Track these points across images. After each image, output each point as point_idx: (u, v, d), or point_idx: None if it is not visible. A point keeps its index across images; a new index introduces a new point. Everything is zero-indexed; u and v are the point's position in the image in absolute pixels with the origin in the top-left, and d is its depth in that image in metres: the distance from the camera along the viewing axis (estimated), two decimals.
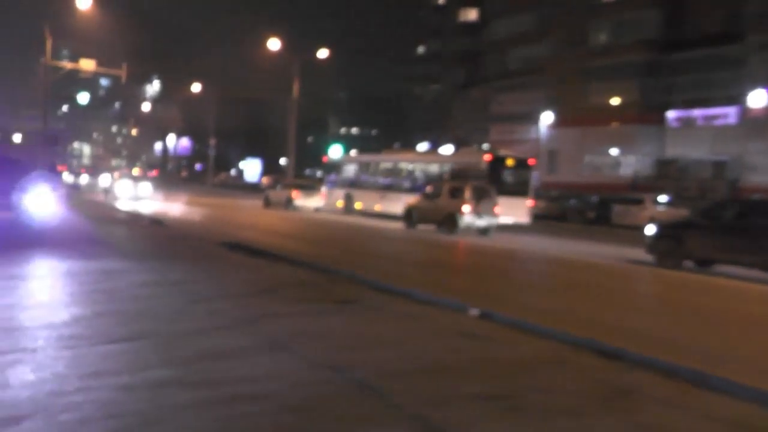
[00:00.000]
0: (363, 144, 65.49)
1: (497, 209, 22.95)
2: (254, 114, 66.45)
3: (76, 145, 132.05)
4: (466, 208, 22.22)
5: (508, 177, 25.97)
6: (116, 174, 44.45)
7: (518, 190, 25.63)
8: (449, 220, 22.68)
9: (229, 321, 7.28)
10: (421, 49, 73.25)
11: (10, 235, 13.45)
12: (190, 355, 5.96)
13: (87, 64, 41.01)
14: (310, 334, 6.91)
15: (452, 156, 30.14)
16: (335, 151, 41.48)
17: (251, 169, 58.97)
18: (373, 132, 77.93)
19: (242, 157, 68.86)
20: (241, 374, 5.46)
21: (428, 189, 24.81)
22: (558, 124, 49.27)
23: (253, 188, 41.21)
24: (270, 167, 60.83)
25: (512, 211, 24.71)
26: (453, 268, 14.75)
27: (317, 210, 34.46)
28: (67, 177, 50.76)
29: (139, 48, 58.75)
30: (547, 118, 48.98)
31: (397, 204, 27.07)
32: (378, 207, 29.27)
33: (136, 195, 35.41)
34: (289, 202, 33.88)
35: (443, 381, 5.55)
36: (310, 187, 35.79)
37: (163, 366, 5.60)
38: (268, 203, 35.82)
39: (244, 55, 56.32)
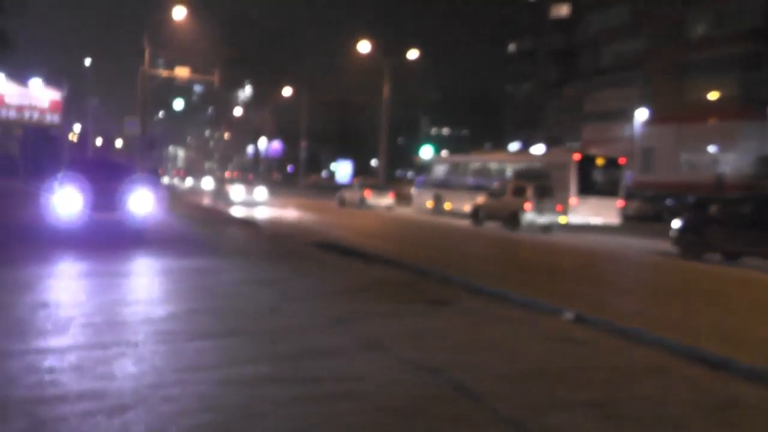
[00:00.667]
0: (454, 144, 65.14)
1: (562, 207, 24.19)
2: (345, 116, 67.38)
3: (171, 149, 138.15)
4: (528, 206, 23.56)
5: (597, 177, 26.02)
6: (226, 176, 45.65)
7: (608, 190, 25.54)
8: (512, 218, 23.96)
9: (323, 320, 7.36)
10: (512, 47, 72.31)
11: (114, 235, 14.20)
12: (285, 352, 6.05)
13: (182, 72, 43.15)
14: (405, 335, 6.89)
15: (541, 156, 30.16)
16: (426, 152, 41.47)
17: (342, 170, 59.81)
18: (464, 132, 77.54)
19: (333, 159, 69.96)
20: (337, 373, 5.50)
21: (495, 187, 26.20)
22: (653, 121, 47.37)
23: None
24: (361, 169, 61.49)
25: (602, 212, 25.18)
26: (537, 267, 14.38)
27: (388, 208, 35.50)
28: (166, 179, 53.34)
29: (232, 54, 60.78)
30: (641, 115, 47.21)
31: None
32: (467, 207, 29.14)
33: (251, 199, 33.43)
34: (362, 202, 35.01)
35: (540, 386, 5.44)
36: (380, 187, 37.05)
37: (258, 362, 5.70)
38: (342, 203, 36.90)
39: (335, 58, 57.26)
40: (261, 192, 33.76)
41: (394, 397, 4.97)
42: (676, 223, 17.79)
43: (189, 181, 55.48)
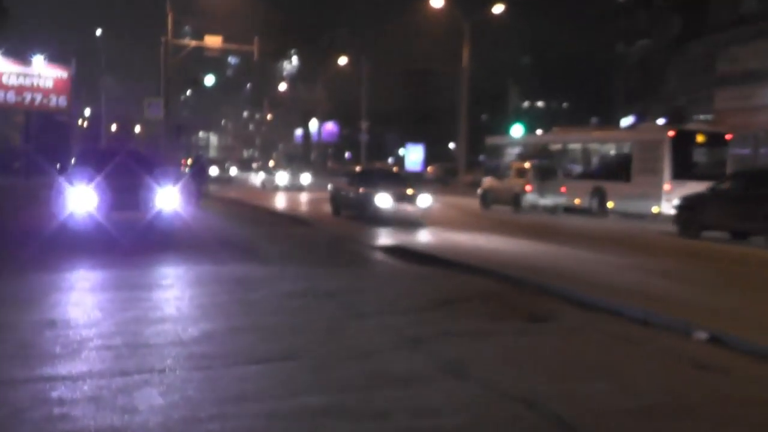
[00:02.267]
0: (551, 120, 64.07)
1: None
2: (416, 91, 67.11)
3: (201, 134, 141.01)
4: (528, 188, 28.47)
5: (698, 156, 26.87)
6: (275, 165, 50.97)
7: (710, 172, 24.87)
8: (515, 200, 29.01)
9: (396, 340, 7.33)
10: None
11: (136, 238, 14.52)
12: (348, 380, 6.03)
13: (213, 41, 43.79)
14: (495, 358, 6.83)
15: (631, 133, 31.13)
16: (516, 131, 40.88)
17: (413, 156, 59.80)
18: (565, 105, 76.37)
19: (401, 144, 70.06)
20: (413, 404, 5.45)
21: (502, 170, 32.23)
22: None
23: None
24: (436, 154, 61.28)
25: None
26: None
27: None
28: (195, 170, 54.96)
29: (274, 19, 61.39)
30: None
31: (568, 192, 29.52)
32: (542, 201, 30.43)
33: (298, 184, 43.14)
34: (516, 198, 35.95)
35: (665, 425, 5.27)
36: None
37: (317, 392, 5.69)
38: None
39: (402, 19, 57.02)
40: (305, 178, 44.96)
41: None
42: (676, 203, 21.47)
43: (233, 170, 58.90)
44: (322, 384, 5.89)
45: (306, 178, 44.44)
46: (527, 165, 29.68)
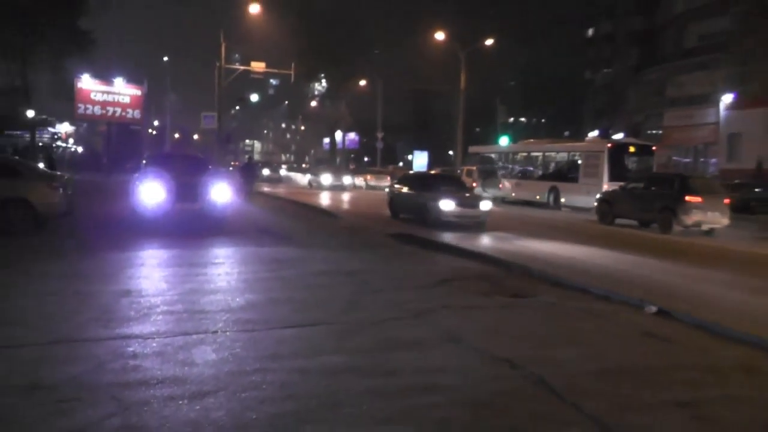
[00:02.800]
0: (531, 133, 63.65)
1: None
2: (421, 106, 66.99)
3: (247, 141, 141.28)
4: (474, 184, 30.51)
5: (630, 163, 27.41)
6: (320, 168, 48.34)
7: (640, 176, 25.27)
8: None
9: (403, 312, 7.34)
10: (591, 31, 70.30)
11: (195, 225, 14.63)
12: (365, 343, 6.06)
13: (258, 66, 44.45)
14: (485, 328, 6.84)
15: (578, 144, 31.97)
16: (503, 142, 40.91)
17: (419, 161, 59.58)
18: (543, 120, 76.04)
19: (409, 150, 69.82)
20: (416, 365, 5.47)
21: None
22: (742, 105, 44.94)
23: None
24: (437, 159, 61.10)
25: None
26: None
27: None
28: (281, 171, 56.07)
29: (307, 47, 61.31)
30: (727, 99, 44.92)
31: (530, 191, 31.05)
32: (513, 194, 32.30)
33: (340, 184, 40.78)
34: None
35: (624, 384, 5.27)
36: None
37: (338, 353, 5.72)
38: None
39: (410, 48, 56.90)
40: (347, 179, 42.15)
41: (473, 392, 4.92)
42: (597, 197, 22.96)
43: (283, 172, 58.08)
44: (342, 347, 5.92)
45: (347, 179, 42.69)
46: (474, 168, 34.07)
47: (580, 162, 28.35)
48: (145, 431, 4.03)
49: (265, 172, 48.87)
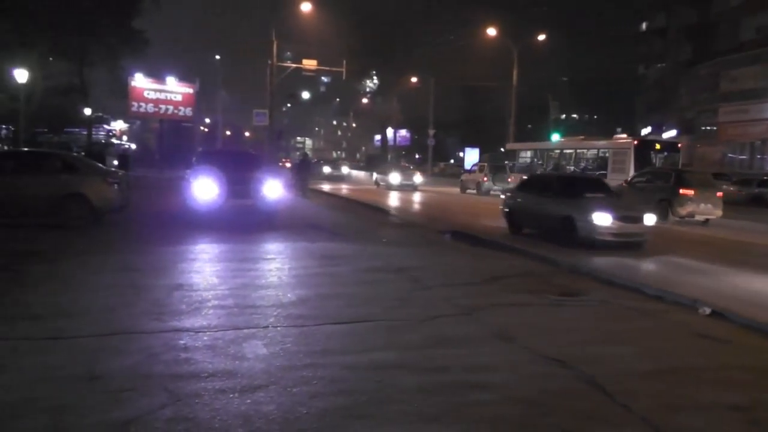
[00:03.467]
0: (583, 129, 62.64)
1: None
2: (472, 103, 66.52)
3: (298, 138, 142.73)
4: (484, 178, 34.58)
5: (655, 160, 28.06)
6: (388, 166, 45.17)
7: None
8: (477, 186, 34.91)
9: (454, 309, 7.30)
10: (644, 26, 68.71)
11: (248, 221, 14.83)
12: (415, 340, 6.04)
13: (309, 63, 44.76)
14: (536, 326, 6.76)
15: (606, 142, 32.49)
16: (554, 138, 40.55)
17: (470, 158, 59.21)
18: (595, 116, 74.77)
19: (460, 147, 69.47)
20: (467, 362, 5.44)
21: (473, 168, 38.65)
22: None
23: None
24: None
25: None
26: None
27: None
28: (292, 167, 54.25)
29: (358, 45, 61.55)
30: None
31: None
32: None
33: (411, 183, 37.72)
34: (479, 186, 36.41)
35: (676, 385, 5.15)
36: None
37: (388, 349, 5.73)
38: (464, 188, 37.68)
39: (462, 45, 56.64)
40: (417, 177, 39.04)
41: (523, 390, 4.87)
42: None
43: (345, 169, 55.34)
44: (392, 343, 5.92)
45: (418, 177, 38.87)
46: (484, 164, 36.87)
47: (609, 158, 29.31)
48: (196, 423, 4.08)
49: (326, 169, 47.25)
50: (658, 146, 29.18)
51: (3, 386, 4.61)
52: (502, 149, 42.12)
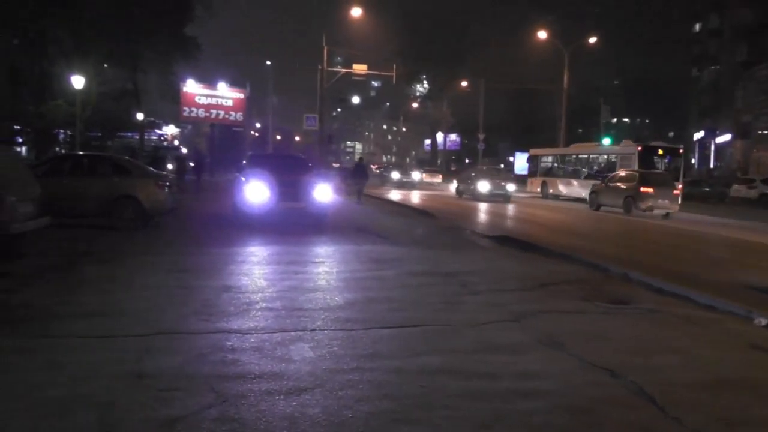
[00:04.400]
0: (635, 133, 61.63)
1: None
2: (523, 106, 66.04)
3: (348, 143, 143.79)
4: (482, 184, 32.93)
5: (658, 164, 30.93)
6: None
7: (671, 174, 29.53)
8: (476, 191, 33.19)
9: (503, 315, 7.22)
10: (697, 27, 67.10)
11: (298, 224, 14.99)
12: (463, 345, 5.98)
13: (359, 68, 45.12)
14: (585, 334, 6.61)
15: (613, 148, 35.94)
16: (605, 143, 40.35)
17: (520, 162, 58.71)
18: (647, 120, 73.47)
19: (510, 151, 68.99)
20: (515, 369, 5.36)
21: (471, 173, 36.78)
22: None
23: (523, 180, 42.10)
24: None
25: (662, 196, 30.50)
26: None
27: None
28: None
29: (408, 49, 61.74)
30: None
31: (579, 188, 34.34)
32: (565, 192, 36.73)
33: (503, 194, 31.98)
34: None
35: (729, 398, 4.97)
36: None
37: (436, 354, 5.67)
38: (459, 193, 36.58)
39: (512, 48, 56.33)
40: (510, 186, 33.17)
41: (572, 399, 4.77)
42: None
43: (416, 176, 52.01)
44: (440, 348, 5.87)
45: (511, 186, 32.83)
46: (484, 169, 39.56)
47: (617, 162, 32.18)
48: (241, 424, 4.10)
49: (395, 175, 44.42)
50: (660, 151, 31.84)
51: (53, 383, 4.71)
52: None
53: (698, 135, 58.48)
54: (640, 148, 31.42)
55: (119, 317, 6.54)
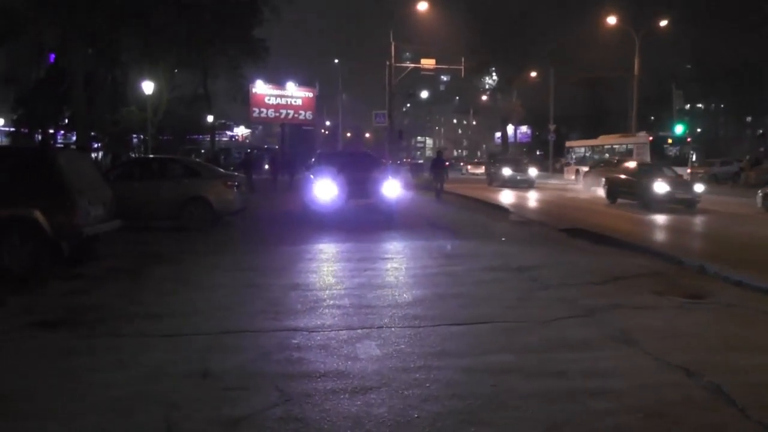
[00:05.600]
0: (709, 120, 59.22)
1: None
2: (593, 96, 64.39)
3: (419, 138, 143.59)
4: (506, 170, 35.70)
5: (669, 152, 33.89)
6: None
7: (679, 162, 31.64)
8: (499, 177, 35.97)
9: (574, 310, 6.99)
10: None
11: (367, 220, 15.04)
12: (533, 343, 5.81)
13: (427, 63, 44.95)
14: (660, 330, 6.30)
15: (631, 138, 38.97)
16: (678, 130, 39.09)
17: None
18: (722, 106, 70.46)
19: None
20: (586, 367, 5.16)
21: (494, 161, 40.81)
22: None
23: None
24: None
25: None
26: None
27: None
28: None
29: (476, 42, 61.06)
30: None
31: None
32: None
33: (688, 198, 22.99)
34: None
35: None
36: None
37: (505, 352, 5.53)
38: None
39: (582, 36, 54.97)
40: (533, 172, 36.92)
41: (646, 399, 4.55)
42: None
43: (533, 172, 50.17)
44: (509, 345, 5.72)
45: (699, 187, 22.37)
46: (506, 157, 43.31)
47: (633, 151, 35.39)
48: (305, 423, 4.07)
49: (506, 172, 36.08)
50: (669, 141, 35.28)
51: (119, 382, 4.79)
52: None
53: None
54: (650, 138, 35.23)
55: (186, 317, 6.64)
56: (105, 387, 4.69)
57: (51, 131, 41.80)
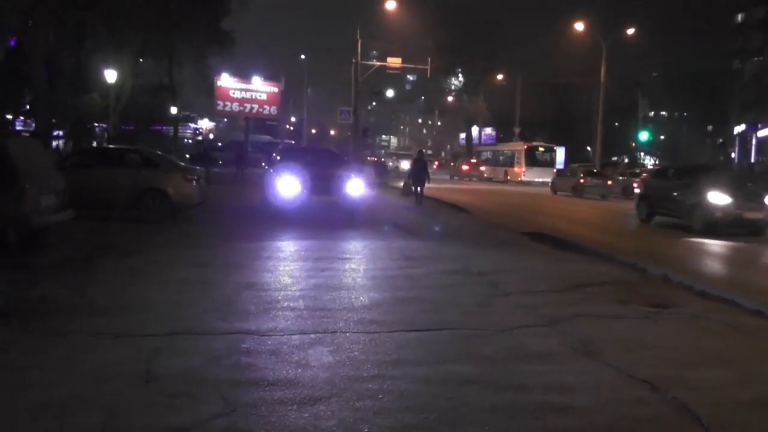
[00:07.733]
0: (673, 127, 60.11)
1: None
2: (559, 101, 64.91)
3: (384, 136, 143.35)
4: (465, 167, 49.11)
5: (539, 158, 47.06)
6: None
7: (547, 164, 46.34)
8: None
9: (535, 319, 6.82)
10: (740, 18, 65.14)
11: (328, 218, 14.78)
12: (494, 352, 5.62)
13: (394, 61, 44.95)
14: (623, 341, 6.14)
15: (510, 145, 52.28)
16: (642, 137, 39.69)
17: (557, 157, 57.70)
18: (685, 114, 71.84)
19: None
20: (548, 380, 4.97)
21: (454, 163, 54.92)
22: None
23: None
24: (575, 155, 58.82)
25: (542, 176, 44.43)
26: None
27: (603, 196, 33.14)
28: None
29: (443, 43, 61.12)
30: None
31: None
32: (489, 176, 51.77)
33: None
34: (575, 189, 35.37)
35: None
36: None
37: (464, 361, 5.33)
38: (555, 190, 36.52)
39: (548, 41, 55.55)
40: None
41: (609, 416, 4.39)
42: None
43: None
44: (467, 355, 5.51)
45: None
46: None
47: (513, 156, 49.30)
48: None
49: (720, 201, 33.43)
50: (541, 149, 47.90)
51: (56, 383, 4.50)
52: (588, 148, 43.32)
53: (739, 129, 56.79)
54: (525, 146, 47.14)
55: (135, 314, 6.34)
56: (41, 388, 4.40)
57: (9, 117, 40.61)
